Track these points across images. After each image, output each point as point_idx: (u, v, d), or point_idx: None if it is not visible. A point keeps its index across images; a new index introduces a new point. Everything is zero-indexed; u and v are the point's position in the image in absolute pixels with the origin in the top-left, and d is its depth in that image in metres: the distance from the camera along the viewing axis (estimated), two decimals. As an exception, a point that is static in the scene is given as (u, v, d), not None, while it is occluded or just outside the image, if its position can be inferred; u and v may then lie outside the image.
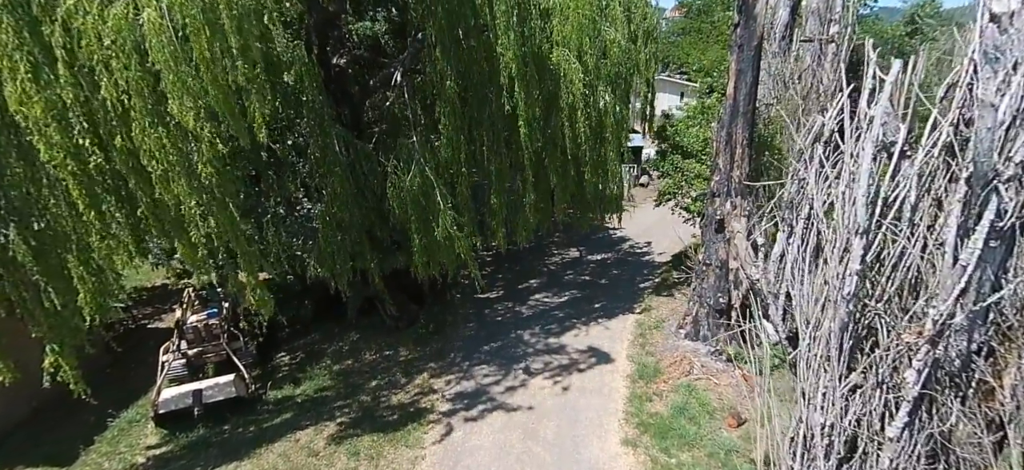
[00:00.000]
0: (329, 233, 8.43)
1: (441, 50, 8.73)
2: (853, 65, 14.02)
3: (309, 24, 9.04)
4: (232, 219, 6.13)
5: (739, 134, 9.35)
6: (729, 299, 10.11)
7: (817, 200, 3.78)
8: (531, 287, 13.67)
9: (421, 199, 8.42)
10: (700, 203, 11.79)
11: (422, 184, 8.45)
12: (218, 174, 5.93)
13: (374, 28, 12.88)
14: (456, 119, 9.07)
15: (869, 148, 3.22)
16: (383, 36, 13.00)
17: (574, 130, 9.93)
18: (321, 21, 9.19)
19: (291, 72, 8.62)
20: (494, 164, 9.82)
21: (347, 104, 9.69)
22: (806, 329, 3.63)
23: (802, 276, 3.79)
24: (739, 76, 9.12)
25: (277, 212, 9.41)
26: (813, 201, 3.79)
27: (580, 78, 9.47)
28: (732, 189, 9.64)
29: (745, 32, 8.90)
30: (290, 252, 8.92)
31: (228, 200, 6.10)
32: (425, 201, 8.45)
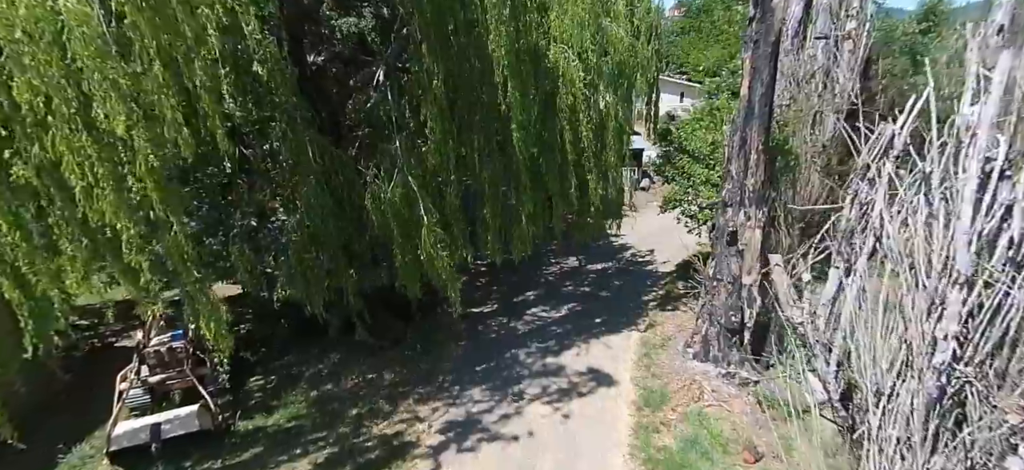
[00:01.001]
0: (301, 249, 7.59)
1: (427, 47, 7.94)
2: (866, 64, 13.26)
3: (281, 17, 8.19)
4: (177, 243, 5.28)
5: (754, 138, 8.54)
6: (742, 318, 9.29)
7: (890, 234, 2.97)
8: (528, 300, 12.85)
9: (403, 212, 7.59)
10: (709, 212, 10.97)
11: (405, 195, 7.62)
12: (158, 188, 5.08)
13: (360, 24, 12.07)
14: (444, 122, 8.26)
15: (975, 170, 2.41)
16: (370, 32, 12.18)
17: (574, 133, 9.12)
18: (296, 14, 8.34)
19: (264, 69, 7.81)
20: (487, 171, 9.02)
21: (325, 106, 8.84)
22: (874, 399, 2.84)
23: (866, 329, 2.99)
24: (754, 75, 8.31)
25: (247, 225, 8.57)
26: (883, 234, 2.99)
27: (580, 77, 8.66)
28: (746, 198, 8.83)
29: (761, 27, 8.09)
30: (258, 271, 8.07)
31: (172, 219, 5.25)
32: (408, 214, 7.62)
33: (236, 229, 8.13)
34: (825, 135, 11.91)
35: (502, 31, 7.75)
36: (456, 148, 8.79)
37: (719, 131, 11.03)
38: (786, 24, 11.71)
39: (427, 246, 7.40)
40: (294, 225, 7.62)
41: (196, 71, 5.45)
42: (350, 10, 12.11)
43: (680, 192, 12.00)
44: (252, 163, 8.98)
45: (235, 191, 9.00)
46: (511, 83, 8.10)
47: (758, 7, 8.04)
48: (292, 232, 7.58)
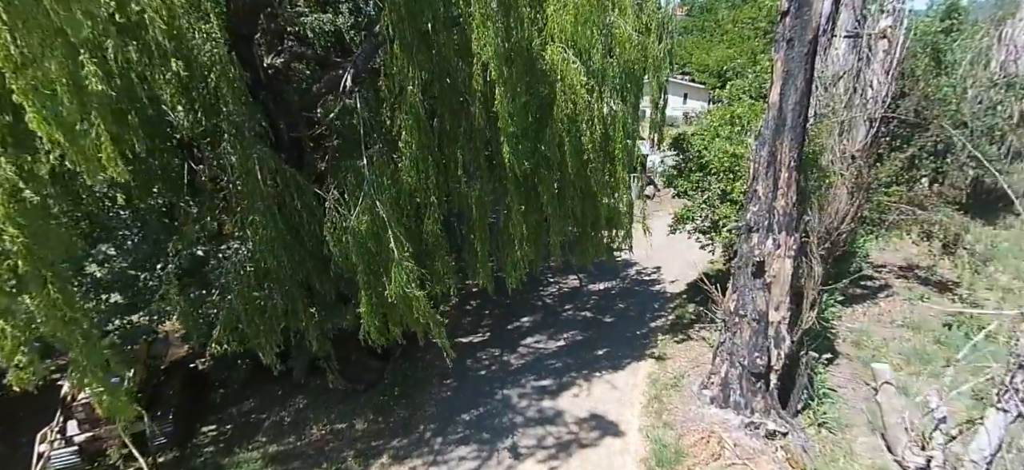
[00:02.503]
0: (247, 288, 6.34)
1: (401, 46, 6.70)
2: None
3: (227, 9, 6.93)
4: (48, 298, 4.02)
5: (785, 153, 7.29)
6: (768, 360, 8.05)
7: None
8: (523, 327, 11.59)
9: (370, 244, 6.33)
10: (728, 234, 9.71)
11: (372, 224, 6.35)
12: (24, 228, 3.82)
13: (338, 22, 10.81)
14: (421, 135, 7.02)
15: None
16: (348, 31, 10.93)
17: (574, 146, 7.85)
18: (245, 7, 7.07)
19: (212, 75, 6.59)
20: (473, 190, 7.78)
21: (285, 117, 7.57)
22: None
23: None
24: (787, 80, 7.06)
25: (193, 255, 7.31)
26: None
27: (581, 82, 7.39)
28: (775, 222, 7.59)
29: (795, 23, 6.85)
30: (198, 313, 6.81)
31: (44, 270, 3.99)
32: (375, 247, 6.36)
33: (173, 262, 6.87)
34: (855, 144, 10.68)
35: (490, 28, 6.50)
36: (437, 164, 7.59)
37: (741, 142, 9.77)
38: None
39: (398, 285, 6.14)
40: (240, 260, 6.36)
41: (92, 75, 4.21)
42: (326, 6, 10.89)
43: (694, 208, 10.74)
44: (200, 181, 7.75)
45: (184, 215, 7.75)
46: (500, 89, 6.84)
47: (792, 0, 6.79)
48: (237, 268, 6.31)
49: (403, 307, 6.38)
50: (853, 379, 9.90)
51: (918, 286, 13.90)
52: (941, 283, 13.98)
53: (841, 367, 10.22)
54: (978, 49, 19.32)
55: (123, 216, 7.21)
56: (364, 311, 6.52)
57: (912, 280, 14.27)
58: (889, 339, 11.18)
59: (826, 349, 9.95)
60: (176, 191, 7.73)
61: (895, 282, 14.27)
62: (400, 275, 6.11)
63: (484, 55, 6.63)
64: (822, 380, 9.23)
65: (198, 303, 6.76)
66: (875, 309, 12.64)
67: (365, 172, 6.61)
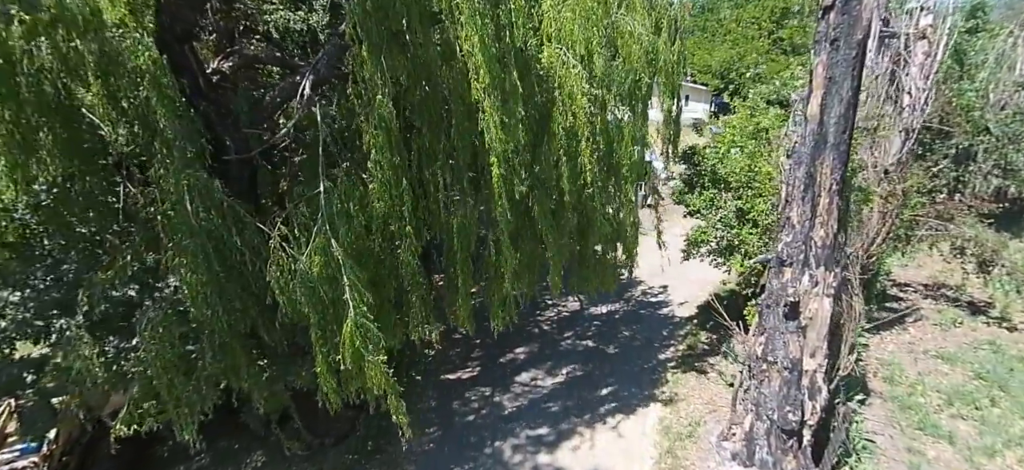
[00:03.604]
0: (168, 347, 5.16)
1: (368, 48, 5.57)
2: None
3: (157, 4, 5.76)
4: None
5: (826, 175, 6.15)
6: (802, 415, 6.91)
7: None
8: (517, 360, 10.42)
9: (323, 292, 5.14)
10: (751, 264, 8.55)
11: (326, 266, 5.17)
12: None
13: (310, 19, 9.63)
14: (393, 153, 5.88)
15: None
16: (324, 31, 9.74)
17: (574, 165, 6.70)
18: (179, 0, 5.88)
19: (144, 83, 5.45)
20: (456, 217, 6.61)
21: (232, 132, 6.38)
22: None
23: None
24: (830, 87, 5.91)
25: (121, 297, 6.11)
26: None
27: (583, 90, 6.23)
28: (812, 255, 6.45)
29: (842, 20, 5.70)
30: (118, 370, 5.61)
31: None
32: (330, 294, 5.18)
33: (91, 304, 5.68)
34: (888, 158, 9.55)
35: (475, 28, 5.35)
36: (414, 188, 6.45)
37: (764, 156, 8.62)
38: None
39: (351, 344, 4.95)
40: (160, 312, 5.18)
41: None
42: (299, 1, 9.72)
43: (708, 229, 9.58)
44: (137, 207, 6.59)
45: (112, 248, 6.57)
46: (488, 99, 5.69)
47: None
48: (155, 322, 5.13)
49: (355, 369, 5.19)
50: (889, 422, 8.77)
51: (948, 308, 12.77)
52: (973, 304, 12.86)
53: (874, 408, 9.09)
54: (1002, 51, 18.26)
55: (36, 250, 6.03)
56: (320, 370, 5.35)
57: (941, 301, 13.15)
58: (924, 373, 10.05)
59: (857, 387, 8.82)
60: (105, 219, 6.57)
61: (922, 303, 13.15)
62: (355, 334, 4.93)
63: (471, 59, 5.49)
64: (859, 427, 8.10)
65: (116, 359, 5.56)
66: (904, 336, 11.51)
67: (321, 201, 5.43)
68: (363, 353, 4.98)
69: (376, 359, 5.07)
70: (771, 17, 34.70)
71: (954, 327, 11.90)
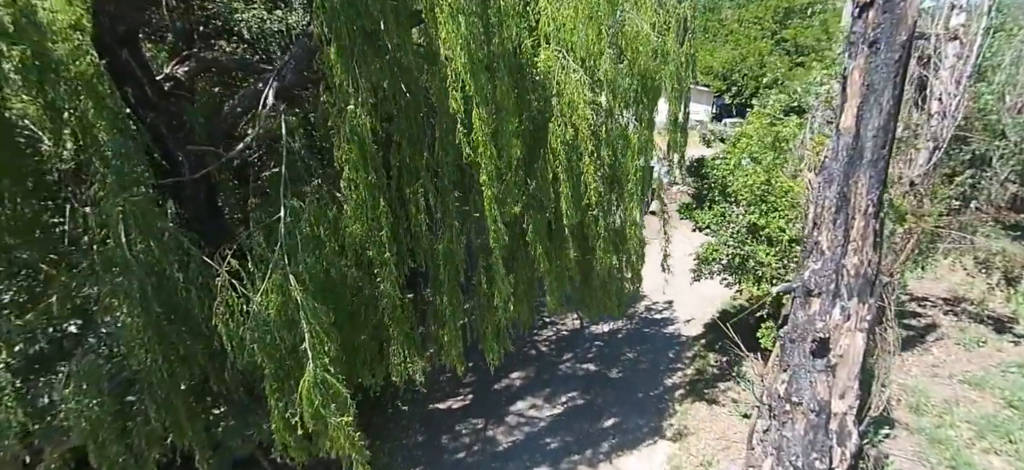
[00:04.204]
0: (93, 399, 4.39)
1: (338, 50, 4.85)
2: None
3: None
4: None
5: (862, 196, 5.40)
6: (830, 462, 6.17)
7: None
8: (512, 386, 9.67)
9: (280, 338, 4.38)
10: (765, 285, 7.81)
11: (283, 308, 4.41)
12: None
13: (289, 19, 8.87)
14: (367, 171, 5.17)
15: None
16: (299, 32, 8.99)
17: (575, 182, 5.94)
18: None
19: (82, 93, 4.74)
20: (442, 241, 5.87)
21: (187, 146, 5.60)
22: None
23: None
24: (867, 96, 5.16)
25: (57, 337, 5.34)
26: None
27: (585, 98, 5.48)
28: (844, 285, 5.70)
29: (883, 19, 4.95)
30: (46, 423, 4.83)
31: None
32: (287, 342, 4.41)
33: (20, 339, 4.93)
34: (915, 170, 8.82)
35: (461, 25, 4.59)
36: (393, 209, 5.72)
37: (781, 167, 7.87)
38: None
39: (309, 402, 4.18)
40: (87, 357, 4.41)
41: None
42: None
43: (719, 246, 8.83)
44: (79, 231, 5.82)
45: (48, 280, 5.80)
46: (478, 110, 4.94)
47: (881, -16, 4.88)
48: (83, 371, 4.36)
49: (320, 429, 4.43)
50: (918, 459, 8.03)
51: (970, 325, 12.05)
52: (996, 320, 12.15)
53: (901, 441, 8.35)
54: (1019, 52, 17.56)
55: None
56: (276, 428, 4.59)
57: (962, 317, 12.42)
58: (951, 401, 9.32)
59: (884, 422, 8.10)
60: (43, 247, 5.80)
61: (943, 319, 12.43)
62: (311, 392, 4.15)
63: (455, 63, 4.73)
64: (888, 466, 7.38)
65: (45, 412, 4.78)
66: (928, 358, 10.77)
67: (280, 230, 4.67)
68: (323, 413, 4.21)
69: (341, 420, 4.30)
70: (774, 17, 34.00)
71: (979, 347, 11.19)
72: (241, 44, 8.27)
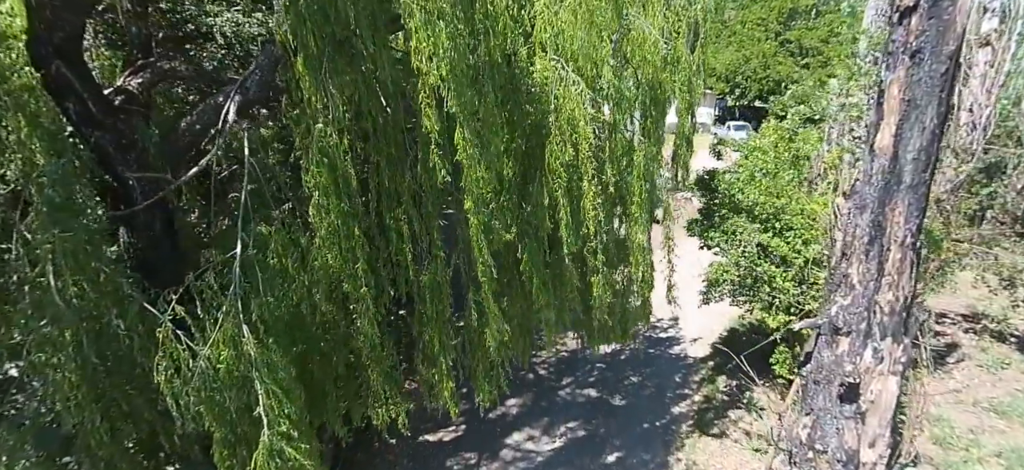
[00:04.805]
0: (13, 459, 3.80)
1: (306, 60, 4.27)
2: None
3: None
4: None
5: (898, 225, 4.79)
6: (860, 517, 5.56)
7: None
8: (508, 415, 9.07)
9: (230, 398, 3.77)
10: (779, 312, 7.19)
11: (236, 363, 3.80)
12: None
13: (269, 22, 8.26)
14: (339, 197, 4.60)
15: None
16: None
17: (576, 208, 5.32)
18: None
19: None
20: (428, 272, 5.28)
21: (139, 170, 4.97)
22: None
23: None
24: (908, 113, 4.55)
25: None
26: None
27: (586, 115, 4.86)
28: (877, 325, 5.10)
29: (928, 27, 4.34)
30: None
31: None
32: (240, 401, 3.80)
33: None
34: (941, 186, 8.20)
35: (441, 33, 3.98)
36: (371, 237, 5.15)
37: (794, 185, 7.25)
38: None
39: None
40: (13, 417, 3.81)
41: None
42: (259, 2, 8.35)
43: (729, 266, 8.22)
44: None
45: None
46: (463, 128, 4.33)
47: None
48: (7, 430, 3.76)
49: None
50: (946, 499, 7.44)
51: (992, 344, 11.42)
52: (1019, 339, 11.53)
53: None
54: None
55: None
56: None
57: (983, 335, 11.79)
58: (978, 431, 8.70)
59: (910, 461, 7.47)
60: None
61: (963, 338, 11.80)
62: (268, 465, 3.54)
63: (430, 76, 4.12)
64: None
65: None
66: (950, 382, 10.15)
67: (235, 270, 4.06)
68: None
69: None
70: (778, 18, 33.37)
71: (1003, 369, 10.57)
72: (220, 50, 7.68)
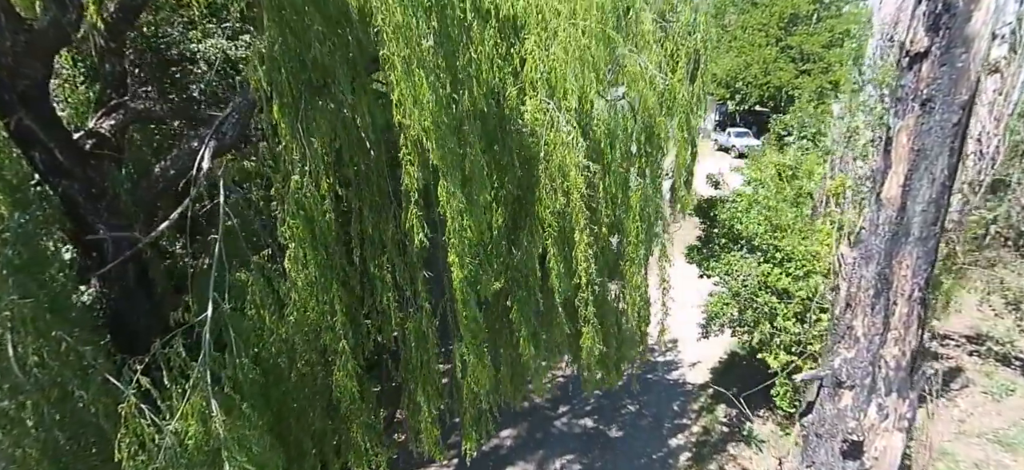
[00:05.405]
0: None
1: (282, 109, 4.06)
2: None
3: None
4: None
5: (907, 278, 4.56)
6: None
7: None
8: (502, 448, 8.84)
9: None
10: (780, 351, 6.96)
11: (205, 438, 3.57)
12: None
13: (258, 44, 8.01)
14: (317, 249, 4.40)
15: None
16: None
17: (566, 255, 5.09)
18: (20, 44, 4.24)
19: None
20: (413, 320, 5.07)
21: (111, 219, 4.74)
22: None
23: None
24: (917, 163, 4.32)
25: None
26: None
27: (578, 164, 4.63)
28: (883, 380, 4.87)
29: (940, 73, 4.11)
30: None
31: None
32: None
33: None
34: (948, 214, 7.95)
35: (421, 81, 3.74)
36: (353, 287, 4.94)
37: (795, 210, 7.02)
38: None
39: None
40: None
41: None
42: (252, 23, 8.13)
43: (729, 298, 7.99)
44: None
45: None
46: (446, 181, 4.09)
47: (938, 32, 4.02)
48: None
49: None
50: (952, 543, 7.21)
51: (996, 368, 11.18)
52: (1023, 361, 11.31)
53: (932, 519, 7.54)
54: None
55: None
56: None
57: (988, 359, 11.55)
58: (983, 465, 8.48)
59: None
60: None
61: (966, 361, 11.56)
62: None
63: (412, 129, 3.90)
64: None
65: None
66: (954, 411, 9.92)
67: (206, 337, 3.83)
68: None
69: None
70: (779, 23, 33.11)
71: (1007, 396, 10.33)
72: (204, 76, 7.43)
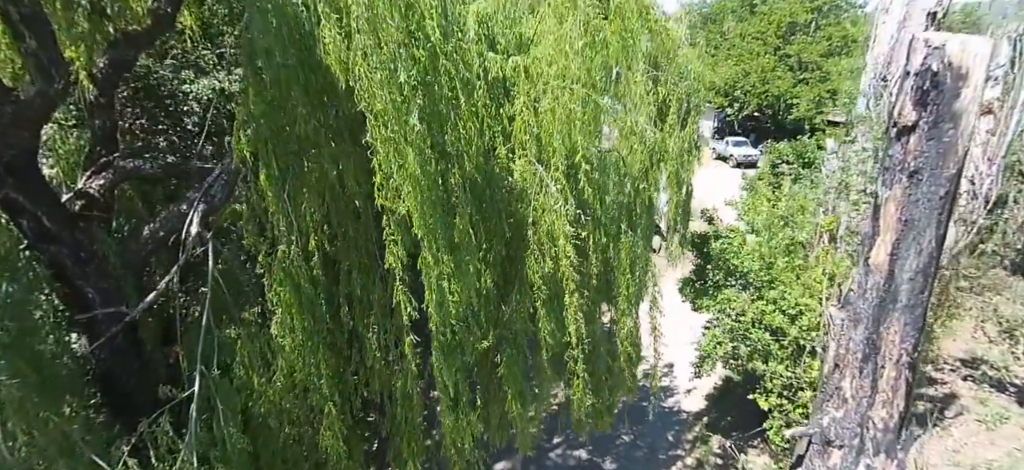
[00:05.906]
0: None
1: (268, 179, 4.07)
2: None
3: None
4: None
5: (895, 344, 4.56)
6: None
7: None
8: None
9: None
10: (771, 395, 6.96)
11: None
12: None
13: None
14: (303, 315, 4.42)
15: None
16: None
17: (558, 317, 5.09)
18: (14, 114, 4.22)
19: None
20: (400, 379, 5.06)
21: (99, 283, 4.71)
22: None
23: None
24: (905, 234, 4.32)
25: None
26: None
27: (565, 231, 4.61)
28: (870, 441, 4.87)
29: (928, 147, 4.11)
30: None
31: None
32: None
33: None
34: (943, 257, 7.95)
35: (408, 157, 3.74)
36: (340, 348, 4.95)
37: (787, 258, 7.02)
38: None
39: None
40: None
41: None
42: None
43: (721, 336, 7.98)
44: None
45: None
46: (428, 244, 4.08)
47: (926, 104, 4.01)
48: None
49: None
50: None
51: (990, 394, 11.18)
52: (1018, 389, 11.30)
53: (924, 559, 7.54)
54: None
55: None
56: None
57: (982, 385, 11.56)
58: (977, 499, 8.50)
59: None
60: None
61: (960, 387, 11.56)
62: None
63: (400, 209, 3.91)
64: None
65: None
66: (947, 440, 9.92)
67: (192, 415, 3.83)
68: None
69: None
70: (777, 32, 33.09)
71: (1001, 424, 10.34)
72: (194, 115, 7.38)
